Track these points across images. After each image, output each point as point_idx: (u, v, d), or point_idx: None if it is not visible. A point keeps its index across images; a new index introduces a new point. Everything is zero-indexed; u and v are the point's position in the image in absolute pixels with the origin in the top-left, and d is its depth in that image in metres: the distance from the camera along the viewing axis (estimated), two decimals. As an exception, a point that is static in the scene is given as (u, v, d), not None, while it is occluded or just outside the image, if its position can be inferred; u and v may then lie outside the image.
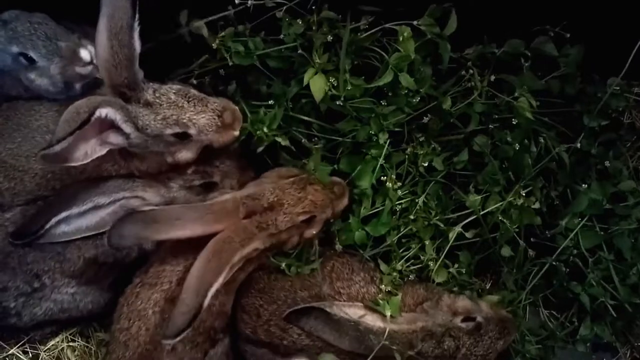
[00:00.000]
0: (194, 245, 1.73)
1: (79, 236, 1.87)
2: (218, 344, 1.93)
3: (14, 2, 1.98)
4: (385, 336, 1.76)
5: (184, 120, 1.82)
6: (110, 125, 1.72)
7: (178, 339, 1.59)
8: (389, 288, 1.92)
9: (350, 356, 1.86)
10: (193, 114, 1.83)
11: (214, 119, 1.86)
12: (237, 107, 1.94)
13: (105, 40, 1.73)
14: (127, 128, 1.75)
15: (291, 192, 1.86)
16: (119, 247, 1.72)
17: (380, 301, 1.84)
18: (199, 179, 1.95)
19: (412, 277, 1.98)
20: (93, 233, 1.87)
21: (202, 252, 1.67)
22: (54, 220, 1.78)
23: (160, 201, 1.95)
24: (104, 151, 1.75)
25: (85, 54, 1.93)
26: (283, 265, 1.94)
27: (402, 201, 1.99)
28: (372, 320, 1.80)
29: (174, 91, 1.84)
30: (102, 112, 1.66)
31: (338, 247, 1.98)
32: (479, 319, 1.87)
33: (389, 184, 1.95)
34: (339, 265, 2.01)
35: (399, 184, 1.98)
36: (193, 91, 1.88)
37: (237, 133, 1.93)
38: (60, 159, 1.64)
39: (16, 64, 1.94)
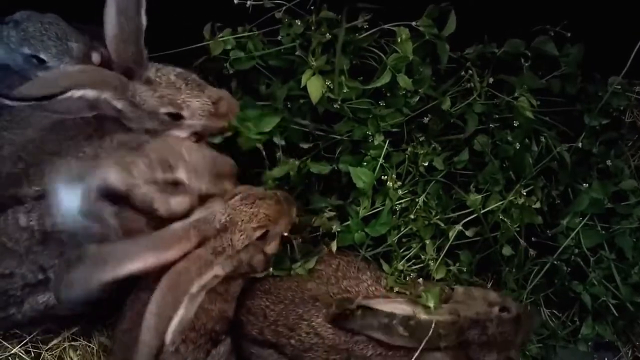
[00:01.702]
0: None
1: None
2: (220, 344, 1.93)
3: (26, 3, 2.01)
4: (432, 327, 1.77)
5: (178, 101, 1.85)
6: (96, 99, 1.77)
7: None
8: (397, 288, 1.93)
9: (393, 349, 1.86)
10: (188, 97, 1.86)
11: (208, 104, 1.89)
12: (235, 100, 1.97)
13: (114, 15, 1.79)
14: (118, 104, 1.81)
15: (243, 209, 1.80)
16: (70, 300, 1.59)
17: (423, 294, 1.84)
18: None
19: (413, 275, 1.98)
20: None
21: (157, 288, 1.58)
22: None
23: None
24: (91, 114, 1.80)
25: (95, 57, 1.98)
26: (271, 270, 1.94)
27: (402, 201, 1.99)
28: (418, 314, 1.82)
29: (175, 73, 1.88)
30: (76, 93, 1.70)
31: (333, 247, 1.98)
32: (513, 309, 1.89)
33: (389, 184, 1.95)
34: (344, 264, 2.01)
35: (399, 183, 1.98)
36: (194, 76, 1.91)
37: (226, 124, 1.95)
38: (35, 107, 1.73)
39: (27, 64, 1.97)
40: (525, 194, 1.96)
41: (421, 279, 1.97)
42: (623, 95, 2.09)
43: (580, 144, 2.04)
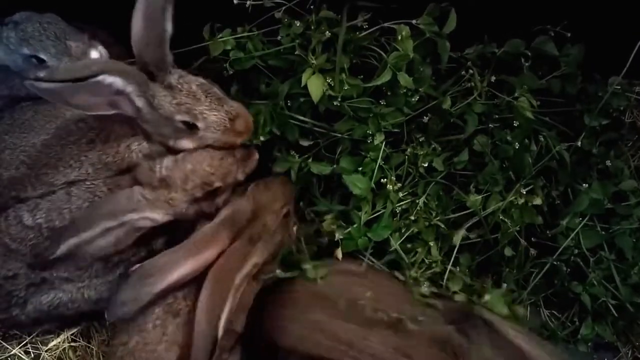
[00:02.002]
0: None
1: (104, 253, 1.83)
2: None
3: (26, 3, 2.02)
4: None
5: (195, 112, 1.84)
6: (121, 92, 1.76)
7: None
8: None
9: None
10: (206, 109, 1.85)
11: (225, 120, 1.88)
12: (252, 118, 1.95)
13: (140, 18, 1.79)
14: (139, 102, 1.80)
15: (263, 193, 1.91)
16: (124, 317, 1.71)
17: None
18: (199, 191, 1.91)
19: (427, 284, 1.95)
20: (117, 249, 1.86)
21: (203, 286, 1.69)
22: (63, 247, 1.73)
23: (169, 219, 1.91)
24: (111, 112, 1.79)
25: (95, 54, 1.98)
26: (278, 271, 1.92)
27: (402, 203, 1.99)
28: None
29: (197, 83, 1.87)
30: (107, 79, 1.69)
31: (338, 255, 1.98)
32: None
33: (389, 186, 1.95)
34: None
35: (399, 184, 1.98)
36: (216, 89, 1.90)
37: (240, 142, 1.95)
38: (56, 97, 1.71)
39: (27, 64, 1.97)
40: (524, 193, 1.96)
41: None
42: (623, 95, 2.08)
43: (580, 144, 2.03)
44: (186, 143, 1.92)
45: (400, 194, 1.97)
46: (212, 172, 1.88)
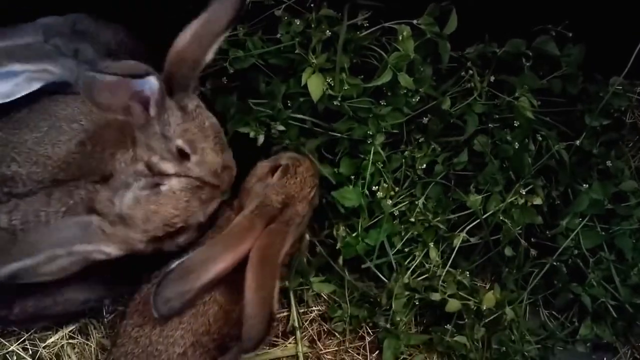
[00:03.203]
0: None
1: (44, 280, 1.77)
2: (228, 352, 1.90)
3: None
4: None
5: (197, 146, 1.82)
6: (141, 99, 1.74)
7: (258, 349, 1.63)
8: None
9: None
10: (209, 148, 1.83)
11: (219, 165, 1.86)
12: (235, 171, 1.95)
13: (190, 35, 1.79)
14: (153, 111, 1.76)
15: (291, 182, 1.88)
16: (170, 313, 1.70)
17: None
18: (160, 231, 1.84)
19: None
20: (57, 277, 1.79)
21: (249, 266, 1.68)
22: (5, 270, 1.68)
23: (122, 254, 1.84)
24: (121, 117, 1.77)
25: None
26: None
27: (401, 205, 2.00)
28: None
29: (211, 121, 1.86)
30: (152, 82, 1.68)
31: (340, 262, 2.00)
32: None
33: (379, 193, 1.95)
34: None
35: (397, 188, 1.98)
36: (223, 135, 1.90)
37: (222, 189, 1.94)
38: (90, 91, 1.67)
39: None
40: (524, 193, 1.96)
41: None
42: (624, 95, 2.07)
43: (580, 144, 2.02)
44: (169, 167, 1.84)
45: (397, 198, 1.99)
46: (176, 214, 1.83)
